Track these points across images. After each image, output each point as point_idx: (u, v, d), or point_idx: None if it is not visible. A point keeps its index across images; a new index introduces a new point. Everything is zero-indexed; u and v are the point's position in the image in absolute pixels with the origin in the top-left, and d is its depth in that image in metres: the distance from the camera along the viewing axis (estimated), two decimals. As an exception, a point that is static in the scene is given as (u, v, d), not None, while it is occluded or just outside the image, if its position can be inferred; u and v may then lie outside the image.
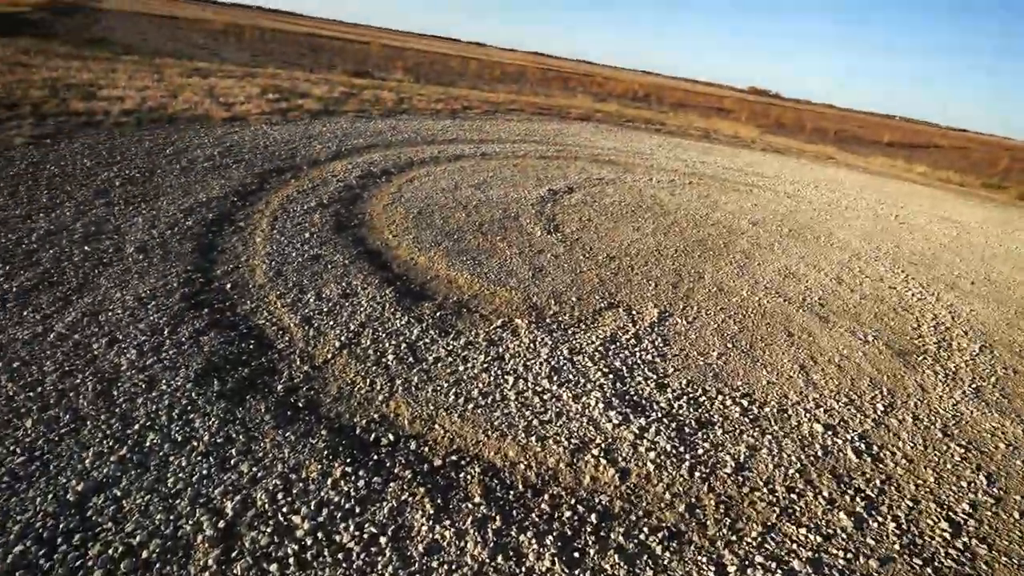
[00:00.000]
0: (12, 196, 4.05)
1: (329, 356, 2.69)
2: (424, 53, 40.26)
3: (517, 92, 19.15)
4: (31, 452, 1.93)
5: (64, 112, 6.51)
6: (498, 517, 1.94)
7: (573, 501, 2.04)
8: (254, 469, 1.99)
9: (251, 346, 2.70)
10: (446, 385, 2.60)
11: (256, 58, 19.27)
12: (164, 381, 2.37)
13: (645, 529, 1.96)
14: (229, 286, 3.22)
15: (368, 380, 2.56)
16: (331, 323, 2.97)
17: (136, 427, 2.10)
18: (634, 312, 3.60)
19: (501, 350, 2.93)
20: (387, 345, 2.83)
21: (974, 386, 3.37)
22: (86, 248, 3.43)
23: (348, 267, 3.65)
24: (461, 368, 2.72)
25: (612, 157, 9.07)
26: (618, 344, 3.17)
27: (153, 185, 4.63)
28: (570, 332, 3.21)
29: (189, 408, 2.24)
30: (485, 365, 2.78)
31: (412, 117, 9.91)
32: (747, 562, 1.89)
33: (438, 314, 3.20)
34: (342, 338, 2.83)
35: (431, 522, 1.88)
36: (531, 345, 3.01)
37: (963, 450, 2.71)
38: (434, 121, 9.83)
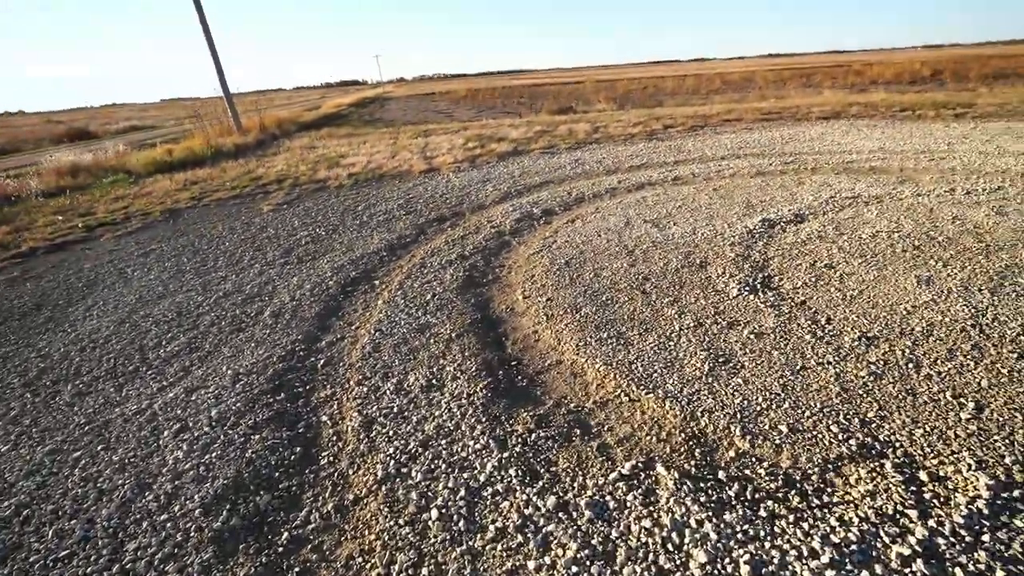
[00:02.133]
0: (228, 257, 4.67)
1: (362, 493, 1.89)
2: (636, 80, 39.38)
3: (738, 100, 16.35)
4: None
5: (311, 180, 7.84)
6: None
7: None
8: None
9: (293, 456, 2.11)
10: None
11: (480, 113, 21.54)
12: (181, 500, 1.93)
13: None
14: (322, 363, 2.80)
15: (388, 553, 1.64)
16: (391, 433, 2.19)
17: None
18: (926, 470, 1.78)
19: (615, 533, 1.64)
20: (440, 487, 1.88)
21: None
22: (238, 312, 3.54)
23: (450, 343, 2.87)
24: (531, 566, 1.56)
25: (877, 162, 6.31)
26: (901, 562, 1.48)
27: (328, 243, 4.85)
28: (767, 514, 1.68)
29: (174, 552, 1.71)
30: (575, 566, 1.54)
31: (602, 146, 9.00)
32: None
33: (534, 436, 2.09)
34: (389, 465, 2.01)
35: None
36: (675, 531, 1.62)
37: None
38: (625, 147, 8.71)
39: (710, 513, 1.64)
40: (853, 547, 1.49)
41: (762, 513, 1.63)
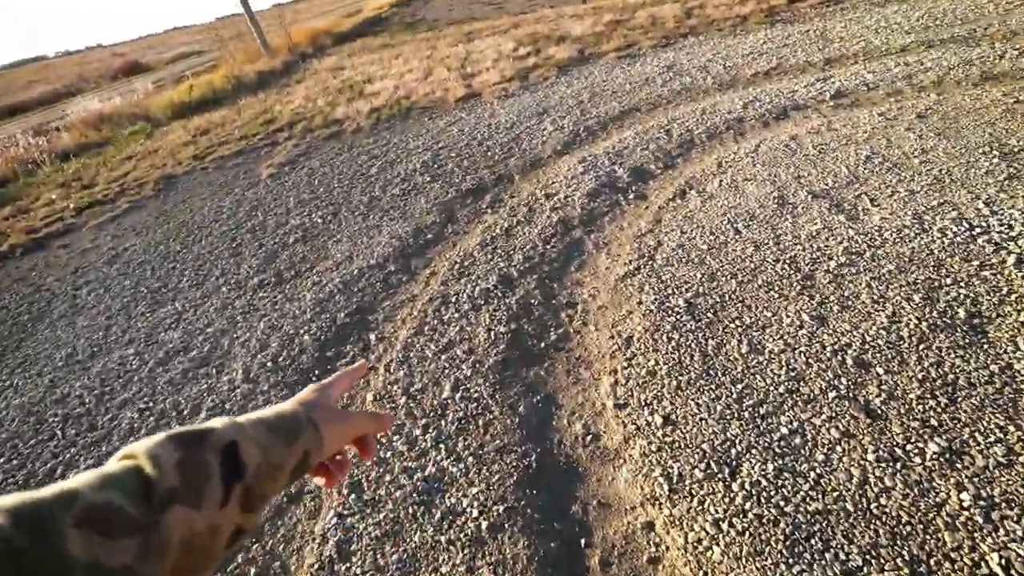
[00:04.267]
0: (195, 272, 3.38)
1: None
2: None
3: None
4: None
5: (326, 122, 6.20)
6: None
7: None
8: None
9: None
10: None
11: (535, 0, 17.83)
12: None
13: None
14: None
15: None
16: None
17: None
18: None
19: None
20: None
21: None
22: (167, 403, 2.28)
23: (478, 548, 1.42)
24: None
25: None
26: None
27: (323, 242, 3.38)
28: None
29: None
30: None
31: (702, 39, 6.36)
32: None
33: None
34: None
35: None
36: None
37: None
38: (738, 39, 6.04)
39: None
40: None
41: None
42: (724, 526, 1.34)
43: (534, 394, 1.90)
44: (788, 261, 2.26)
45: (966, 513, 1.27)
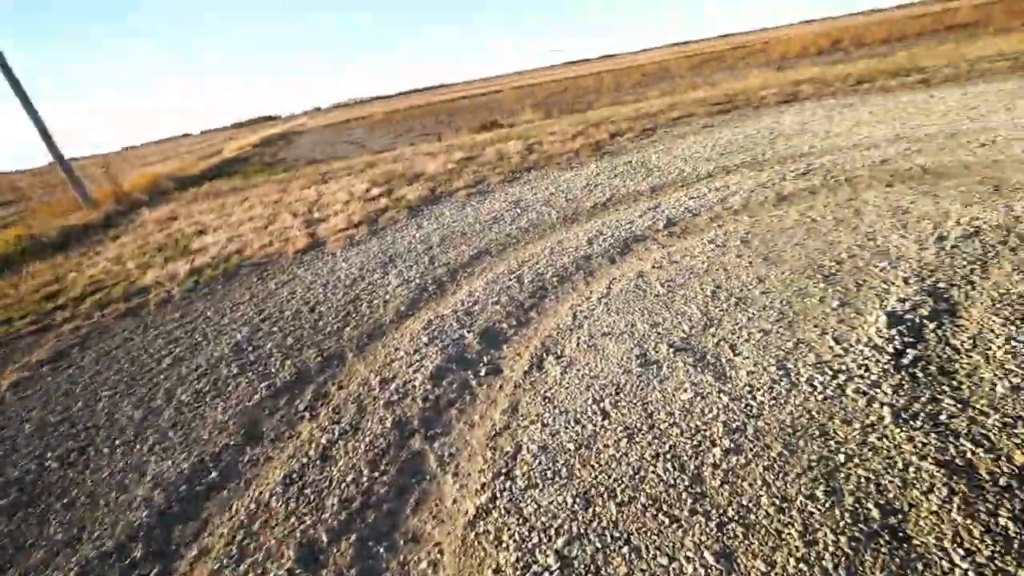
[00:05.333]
0: None
1: None
2: (556, 81, 37.97)
3: (671, 91, 14.74)
4: None
5: (128, 292, 5.02)
6: None
7: None
8: None
9: None
10: None
11: (397, 139, 18.88)
12: None
13: None
14: None
15: None
16: None
17: None
18: None
19: None
20: None
21: None
22: None
23: None
24: None
25: (917, 159, 4.43)
26: None
27: (39, 516, 2.21)
28: None
29: None
30: None
31: (543, 172, 6.74)
32: None
33: None
34: None
35: None
36: None
37: None
38: (574, 171, 6.49)
39: None
40: None
41: None
42: None
43: None
44: (669, 457, 1.80)
45: None
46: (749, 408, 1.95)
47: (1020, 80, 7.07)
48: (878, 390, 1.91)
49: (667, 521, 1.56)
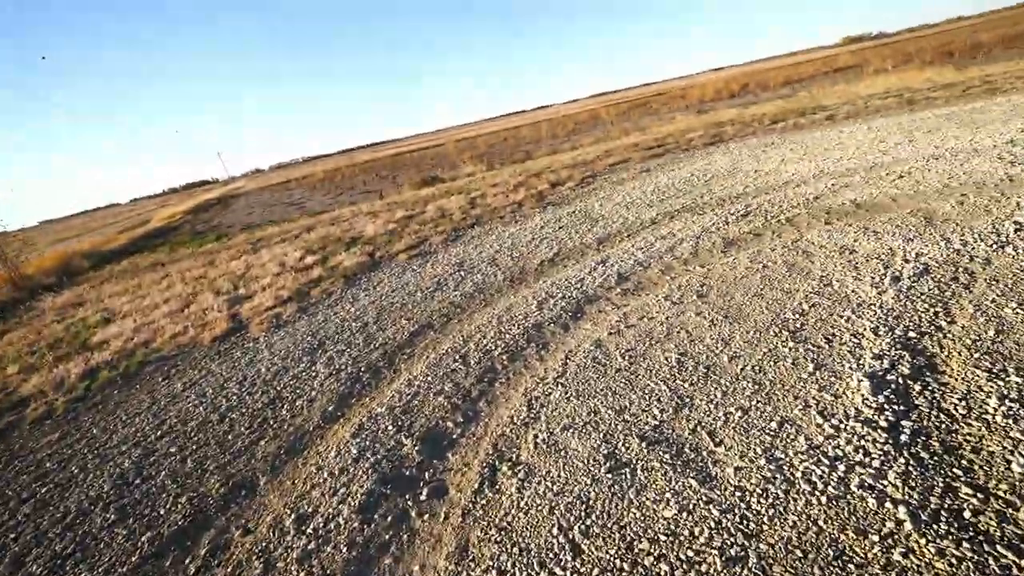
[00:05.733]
0: None
1: None
2: (496, 132, 39.32)
3: (604, 138, 15.37)
4: None
5: (7, 405, 4.14)
6: None
7: None
8: None
9: None
10: None
11: (338, 198, 18.42)
12: None
13: None
14: None
15: None
16: None
17: None
18: None
19: None
20: None
21: None
22: None
23: None
24: None
25: (847, 195, 4.54)
26: None
27: None
28: None
29: None
30: None
31: (487, 228, 6.50)
32: None
33: None
34: None
35: None
36: None
37: None
38: (518, 225, 6.29)
39: None
40: None
41: None
42: None
43: None
44: (663, 613, 1.39)
45: None
46: (745, 523, 1.59)
47: (911, 114, 7.75)
48: (885, 482, 1.63)
49: None
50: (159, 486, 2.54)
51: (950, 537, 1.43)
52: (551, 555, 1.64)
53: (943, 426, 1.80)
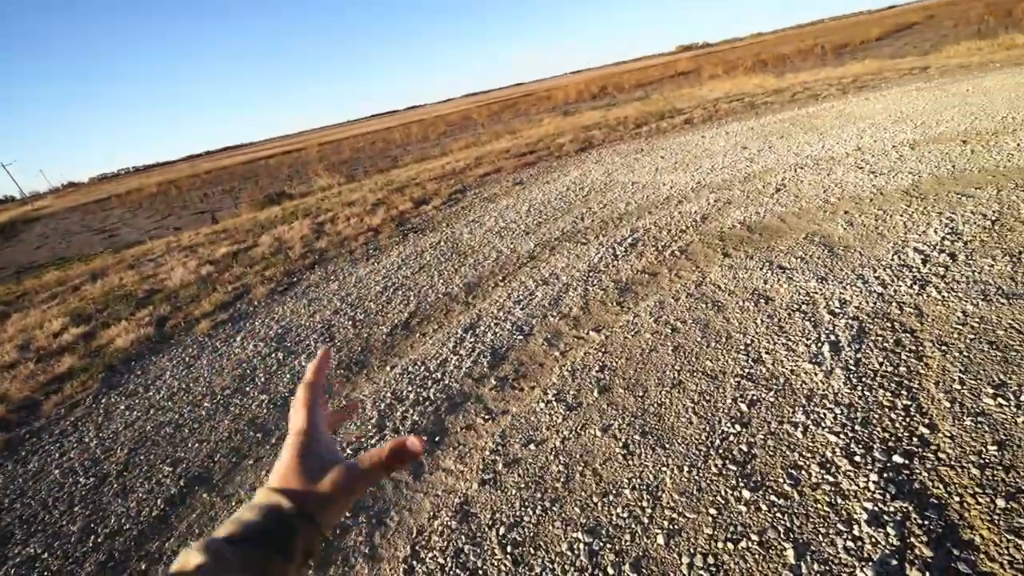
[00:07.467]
0: None
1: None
2: (365, 135, 36.31)
3: (475, 142, 14.36)
4: None
5: None
6: None
7: None
8: None
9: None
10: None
11: (164, 220, 14.81)
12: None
13: None
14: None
15: None
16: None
17: None
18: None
19: None
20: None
21: None
22: None
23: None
24: None
25: (739, 211, 4.04)
26: None
27: None
28: None
29: None
30: None
31: (329, 271, 4.99)
32: None
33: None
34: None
35: None
36: None
37: None
38: (370, 265, 4.90)
39: None
40: None
41: None
42: None
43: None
44: None
45: None
46: None
47: (757, 119, 7.96)
48: None
49: None
50: None
51: None
52: None
53: None
